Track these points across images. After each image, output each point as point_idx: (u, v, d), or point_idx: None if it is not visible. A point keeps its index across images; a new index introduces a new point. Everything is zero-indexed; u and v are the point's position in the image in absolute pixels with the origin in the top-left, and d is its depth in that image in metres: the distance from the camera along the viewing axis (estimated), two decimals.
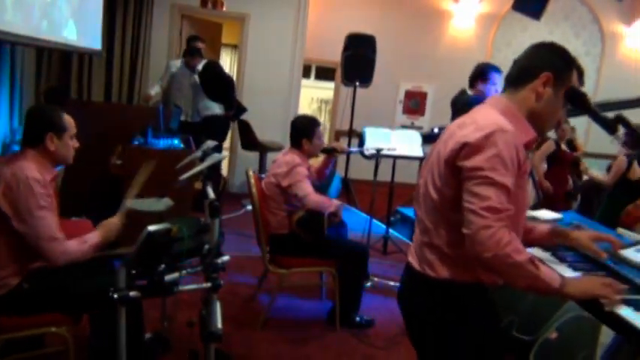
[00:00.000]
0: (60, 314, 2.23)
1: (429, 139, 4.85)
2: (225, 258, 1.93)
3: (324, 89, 9.80)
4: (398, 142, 4.59)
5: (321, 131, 3.54)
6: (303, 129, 3.42)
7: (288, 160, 3.31)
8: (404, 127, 7.71)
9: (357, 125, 6.00)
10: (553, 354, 2.55)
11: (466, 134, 1.48)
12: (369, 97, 6.92)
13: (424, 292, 1.62)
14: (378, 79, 6.37)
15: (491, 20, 7.98)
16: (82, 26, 4.28)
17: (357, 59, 6.12)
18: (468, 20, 7.95)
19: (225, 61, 9.84)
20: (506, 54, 7.84)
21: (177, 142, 4.32)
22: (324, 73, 9.50)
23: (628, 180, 4.73)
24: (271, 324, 3.33)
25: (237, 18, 6.74)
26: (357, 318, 3.39)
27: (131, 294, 1.71)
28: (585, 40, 8.24)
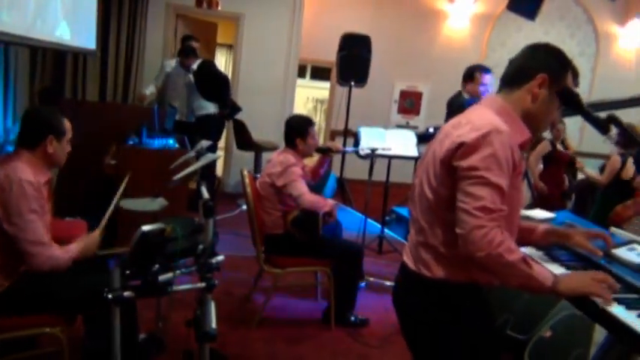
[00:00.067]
0: (54, 315, 2.22)
1: (424, 138, 4.86)
2: (220, 258, 1.93)
3: (319, 89, 9.79)
4: (393, 141, 4.59)
5: (316, 131, 3.54)
6: (297, 128, 3.42)
7: (282, 160, 3.31)
8: (399, 126, 7.70)
9: (352, 125, 6.01)
10: (547, 352, 2.55)
11: (462, 134, 1.48)
12: (364, 97, 6.93)
13: (419, 291, 1.63)
14: (373, 78, 6.39)
15: (486, 20, 8.00)
16: (76, 26, 4.27)
17: (352, 59, 6.14)
18: (462, 20, 7.96)
19: (221, 61, 9.82)
20: (501, 54, 7.86)
21: (172, 142, 4.31)
22: (319, 72, 9.49)
23: (621, 179, 4.75)
24: (266, 323, 3.33)
25: (232, 18, 6.73)
26: (352, 317, 3.40)
27: (125, 294, 1.71)
28: (580, 41, 8.27)
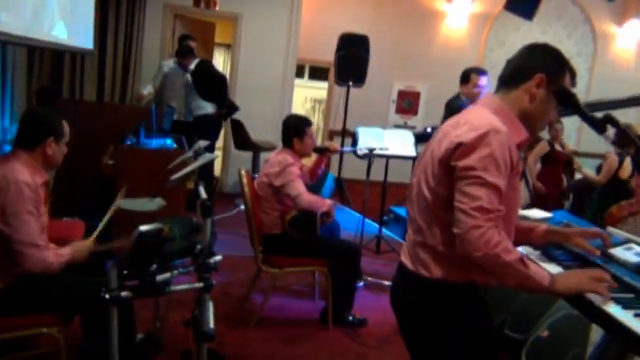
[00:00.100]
0: (51, 315, 2.22)
1: (421, 138, 4.86)
2: (218, 258, 1.93)
3: (317, 89, 9.79)
4: (391, 141, 4.60)
5: (313, 130, 3.54)
6: (294, 128, 3.42)
7: (280, 160, 3.31)
8: (397, 126, 7.71)
9: (350, 125, 6.00)
10: (545, 352, 2.56)
11: (460, 134, 1.49)
12: (362, 97, 6.93)
13: (417, 291, 1.62)
14: (371, 78, 6.38)
15: (484, 20, 8.01)
16: (73, 25, 4.26)
17: (350, 59, 6.13)
18: (460, 20, 7.97)
19: (219, 61, 9.82)
20: (499, 54, 7.88)
21: (169, 141, 4.31)
22: (317, 72, 9.49)
23: (619, 179, 4.77)
24: (264, 323, 3.33)
25: (230, 17, 6.72)
26: (350, 317, 3.40)
27: (123, 294, 1.70)
28: (577, 40, 8.29)
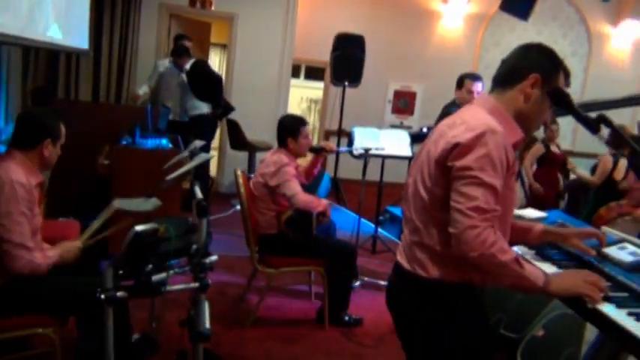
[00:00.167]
0: (46, 316, 2.21)
1: (417, 138, 4.87)
2: (214, 258, 1.93)
3: (313, 89, 9.78)
4: (387, 141, 4.60)
5: (308, 130, 3.54)
6: (289, 128, 3.42)
7: (275, 160, 3.31)
8: (393, 126, 7.72)
9: (346, 125, 6.01)
10: (540, 351, 2.57)
11: (457, 134, 1.49)
12: (358, 97, 6.94)
13: (413, 291, 1.63)
14: (367, 78, 6.39)
15: (480, 20, 8.03)
16: (68, 26, 4.25)
17: (346, 59, 6.14)
18: (456, 20, 7.99)
19: (214, 61, 9.80)
20: (495, 54, 7.90)
21: (165, 141, 4.30)
22: (313, 72, 9.48)
23: (614, 179, 4.78)
24: (260, 323, 3.33)
25: (226, 17, 6.71)
26: (346, 317, 3.40)
27: (118, 294, 1.70)
28: (572, 41, 8.32)
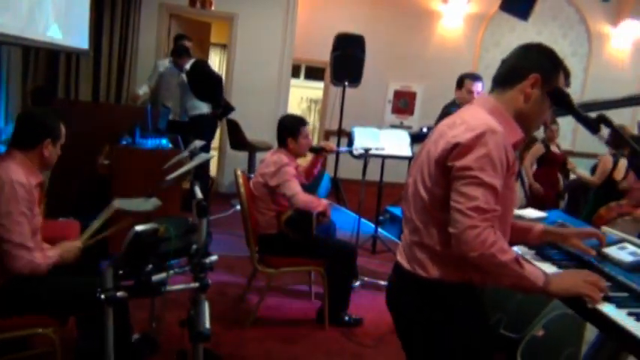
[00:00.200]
0: (46, 316, 2.21)
1: (417, 138, 4.87)
2: (213, 258, 1.93)
3: (313, 89, 9.78)
4: (387, 141, 4.60)
5: (308, 130, 3.54)
6: (289, 128, 3.42)
7: (275, 160, 3.31)
8: (393, 126, 7.72)
9: (346, 125, 6.01)
10: (540, 351, 2.57)
11: (457, 134, 1.49)
12: (358, 97, 6.94)
13: (413, 291, 1.62)
14: (367, 78, 6.39)
15: (480, 20, 8.02)
16: (68, 26, 4.25)
17: (346, 59, 6.14)
18: (456, 20, 7.99)
19: (214, 61, 9.80)
20: (495, 54, 7.90)
21: (165, 141, 4.30)
22: (313, 72, 9.48)
23: (614, 179, 4.78)
24: (260, 323, 3.33)
25: (226, 17, 6.71)
26: (346, 317, 3.40)
27: (118, 294, 1.70)
28: (572, 41, 8.32)
